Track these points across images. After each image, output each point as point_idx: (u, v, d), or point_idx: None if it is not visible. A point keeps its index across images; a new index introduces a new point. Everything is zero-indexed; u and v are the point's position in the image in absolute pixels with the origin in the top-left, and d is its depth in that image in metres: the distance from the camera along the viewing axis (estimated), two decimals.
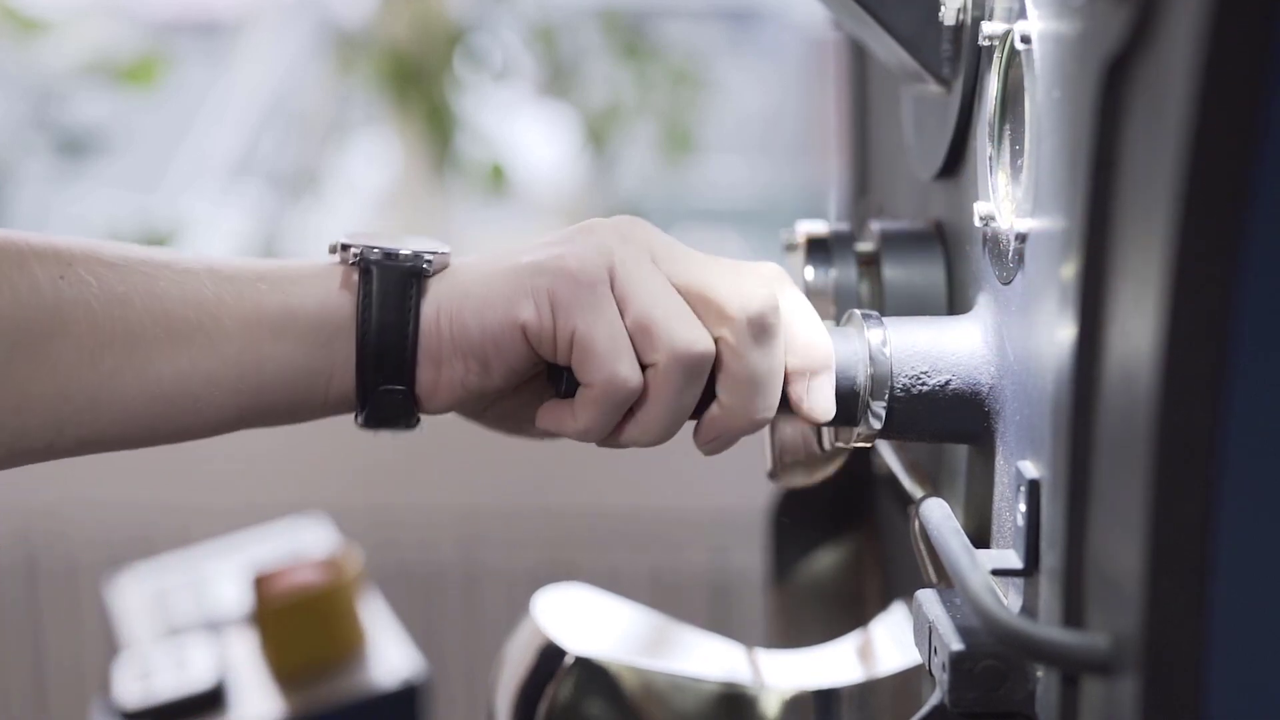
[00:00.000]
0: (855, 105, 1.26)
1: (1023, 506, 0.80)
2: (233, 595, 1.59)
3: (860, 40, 1.14)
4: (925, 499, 0.90)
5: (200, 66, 3.77)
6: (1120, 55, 0.68)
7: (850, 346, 0.88)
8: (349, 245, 0.87)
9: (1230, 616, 0.66)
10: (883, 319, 0.89)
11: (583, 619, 1.05)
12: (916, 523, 0.91)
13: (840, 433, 0.91)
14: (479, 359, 0.86)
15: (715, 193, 3.96)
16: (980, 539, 0.89)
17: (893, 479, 1.01)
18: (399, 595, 2.13)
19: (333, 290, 0.86)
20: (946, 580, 0.85)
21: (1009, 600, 0.83)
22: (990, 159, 0.89)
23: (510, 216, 3.41)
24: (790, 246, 1.05)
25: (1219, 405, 0.64)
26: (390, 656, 1.47)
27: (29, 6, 2.84)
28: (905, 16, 0.95)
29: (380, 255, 0.86)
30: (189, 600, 1.62)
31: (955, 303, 0.97)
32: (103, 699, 1.52)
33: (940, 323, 0.90)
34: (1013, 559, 0.81)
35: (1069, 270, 0.73)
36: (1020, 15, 0.83)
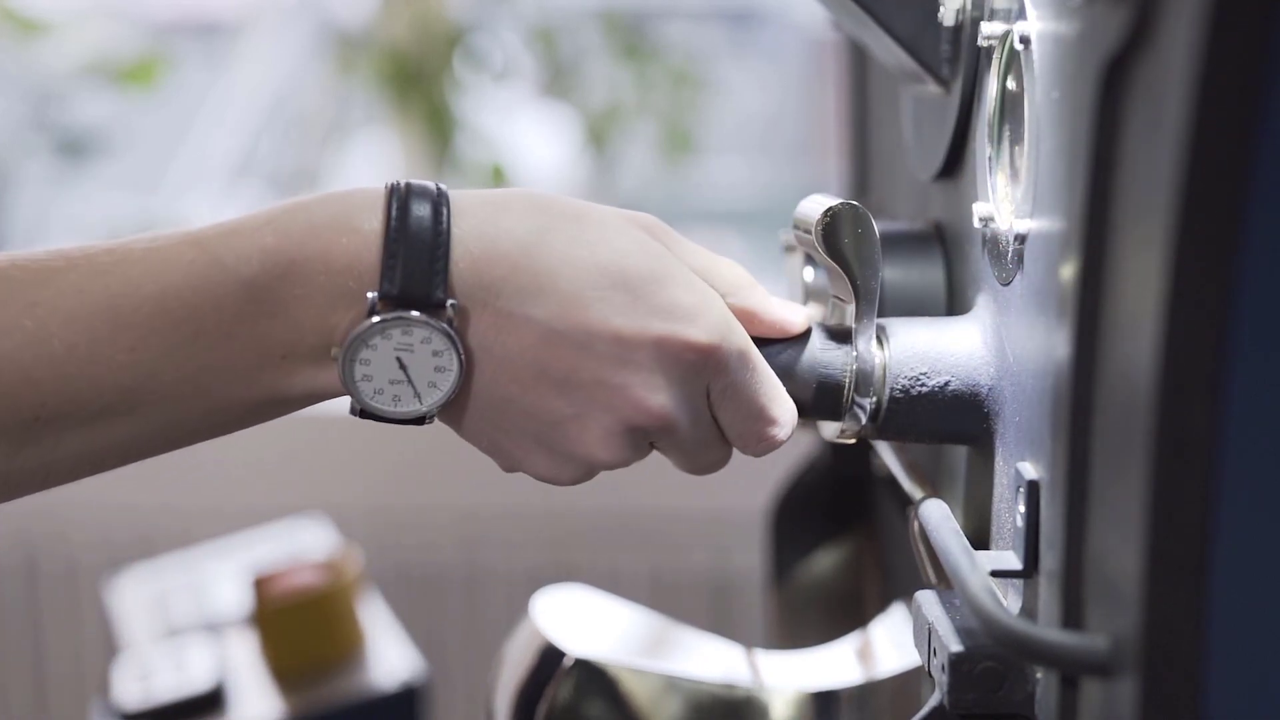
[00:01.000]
0: (855, 106, 1.26)
1: (1022, 508, 0.80)
2: (232, 596, 1.59)
3: (860, 41, 1.13)
4: (925, 500, 0.90)
5: (200, 68, 3.77)
6: (1119, 56, 0.68)
7: (836, 343, 0.88)
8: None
9: (1229, 618, 0.66)
10: (877, 318, 0.89)
11: (582, 620, 1.05)
12: (916, 524, 0.91)
13: (825, 428, 0.91)
14: None
15: (715, 193, 3.96)
16: (980, 540, 0.89)
17: (892, 480, 1.01)
18: (399, 596, 2.13)
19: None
20: (946, 581, 0.85)
21: (1008, 601, 0.83)
22: (989, 160, 0.89)
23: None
24: (789, 247, 1.05)
25: (1217, 406, 0.64)
26: (390, 658, 1.47)
27: (29, 7, 2.84)
28: (904, 17, 0.95)
29: None
30: (188, 601, 1.61)
31: (954, 304, 0.97)
32: (102, 700, 1.52)
33: (939, 324, 0.90)
34: (1012, 560, 0.81)
35: (1068, 271, 0.73)
36: (1019, 16, 0.82)
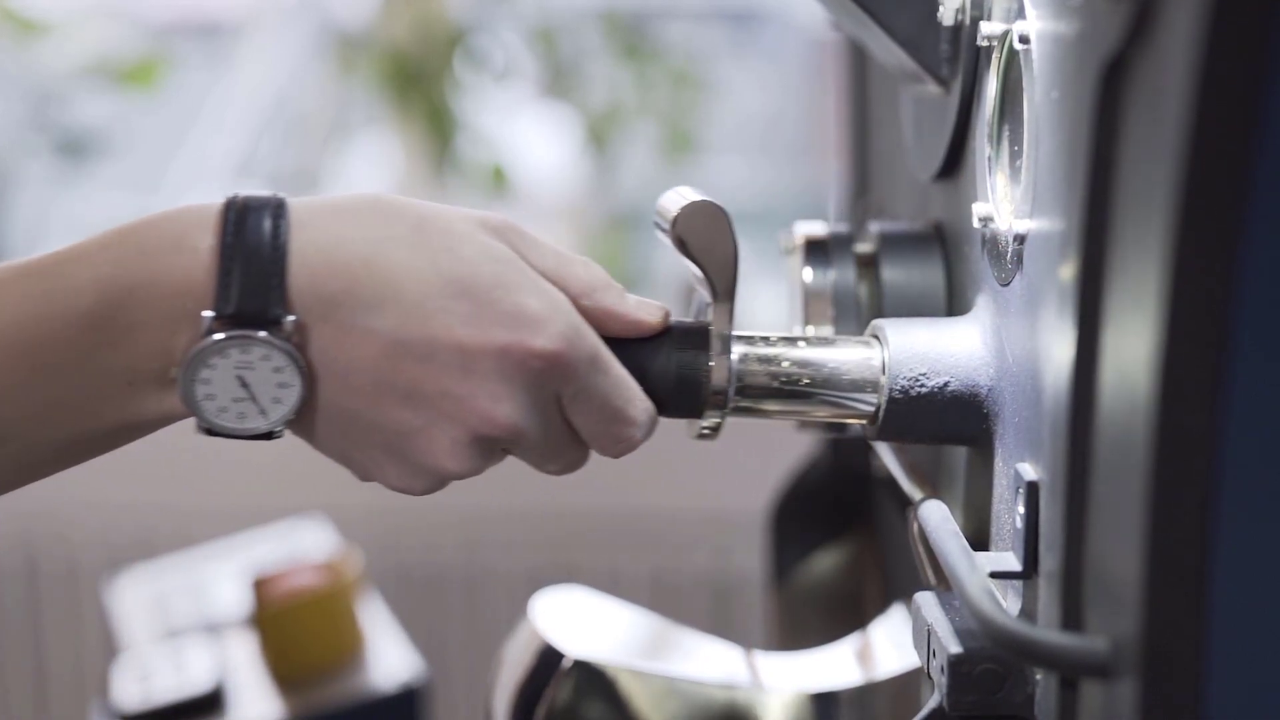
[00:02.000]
0: (855, 106, 1.26)
1: (1021, 509, 0.79)
2: (232, 597, 1.59)
3: (859, 41, 1.13)
4: (924, 501, 0.90)
5: (201, 68, 3.76)
6: (1118, 55, 0.68)
7: (695, 340, 0.86)
8: None
9: (1229, 619, 0.65)
10: (878, 318, 0.89)
11: (581, 621, 1.05)
12: (916, 525, 0.91)
13: (690, 424, 0.89)
14: None
15: (716, 194, 3.95)
16: (979, 541, 0.88)
17: (892, 481, 1.01)
18: (400, 597, 2.12)
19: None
20: (946, 583, 0.84)
21: (1008, 603, 0.82)
22: (989, 160, 0.88)
23: (511, 218, 3.41)
24: (789, 248, 1.04)
25: (1218, 407, 0.64)
26: (390, 659, 1.47)
27: (30, 8, 2.84)
28: (904, 17, 0.95)
29: None
30: (188, 602, 1.61)
31: (954, 304, 0.97)
32: (101, 701, 1.52)
33: (939, 324, 0.90)
34: (1011, 561, 0.81)
35: (1067, 271, 0.73)
36: (1019, 15, 0.82)
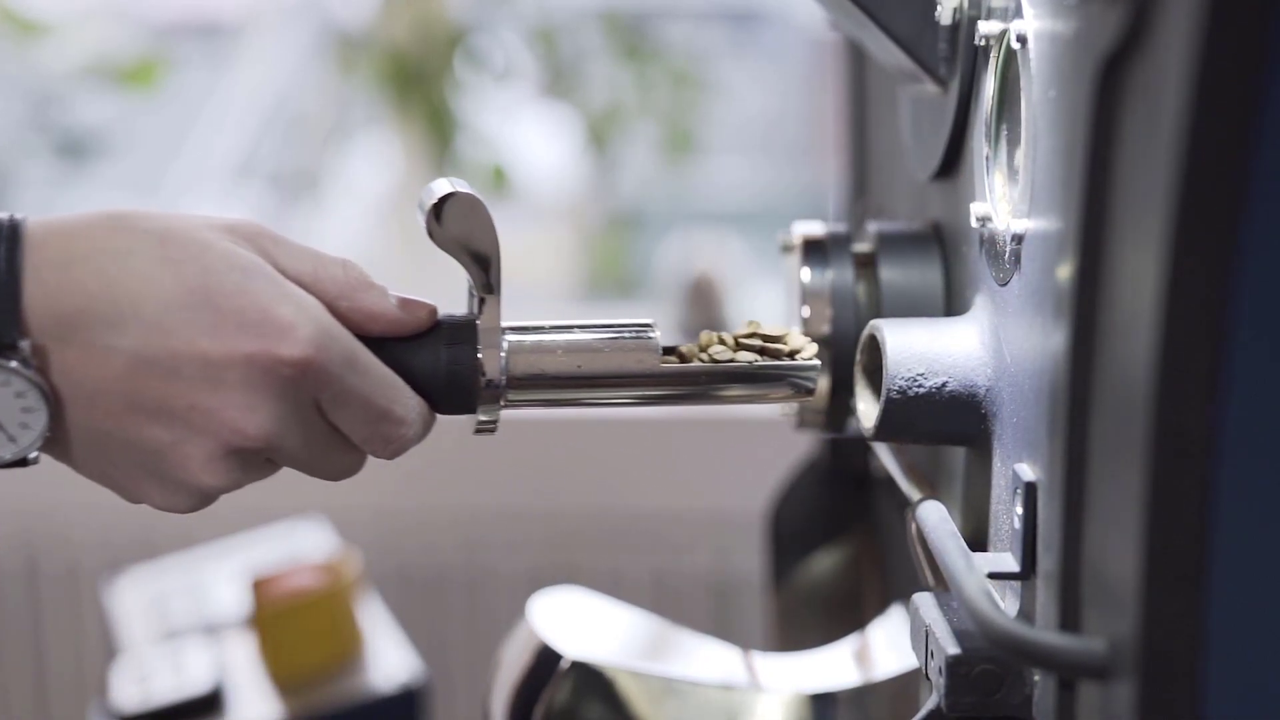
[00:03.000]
0: (853, 106, 1.26)
1: (1019, 509, 0.79)
2: (231, 598, 1.59)
3: (858, 41, 1.13)
4: (922, 501, 0.90)
5: (201, 69, 3.77)
6: (1115, 54, 0.68)
7: (463, 335, 0.85)
8: None
9: (1227, 620, 0.65)
10: (880, 318, 0.89)
11: (579, 622, 1.05)
12: (914, 525, 0.91)
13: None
14: None
15: (716, 194, 3.95)
16: (978, 542, 0.88)
17: (891, 481, 1.01)
18: (400, 598, 2.12)
19: None
20: (944, 583, 0.84)
21: (1006, 604, 0.82)
22: (987, 159, 0.88)
23: (512, 218, 3.41)
24: (787, 248, 1.04)
25: (1215, 406, 0.64)
26: (389, 660, 1.47)
27: (30, 9, 2.84)
28: (902, 16, 0.94)
29: None
30: (187, 603, 1.61)
31: (953, 304, 0.97)
32: (101, 702, 1.52)
33: (937, 324, 0.90)
34: (1010, 562, 0.81)
35: (1065, 271, 0.73)
36: (1016, 15, 0.82)
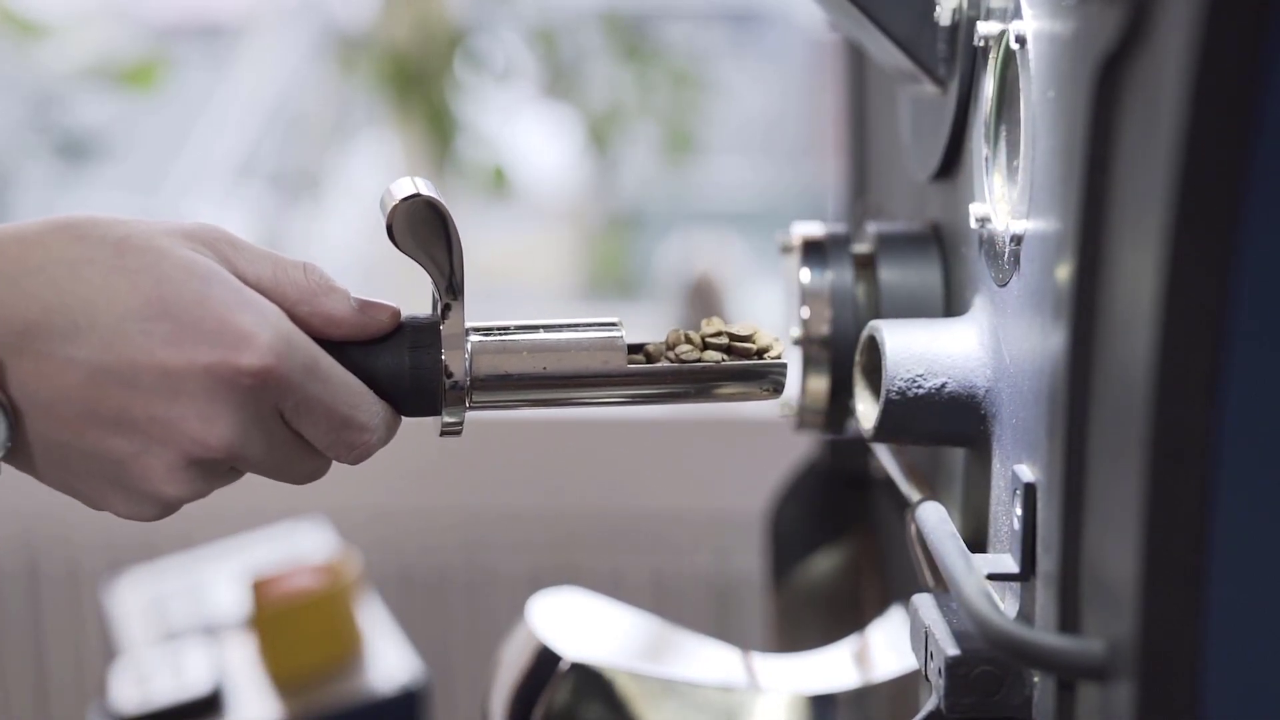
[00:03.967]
0: (853, 106, 1.26)
1: (1019, 510, 0.79)
2: (231, 599, 1.59)
3: (857, 41, 1.13)
4: (922, 502, 0.90)
5: (202, 70, 3.77)
6: (1114, 55, 0.68)
7: (427, 338, 0.84)
8: None
9: (1226, 620, 0.65)
10: (878, 319, 0.89)
11: (578, 623, 1.05)
12: (913, 526, 0.91)
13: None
14: None
15: (717, 194, 3.96)
16: (977, 543, 0.88)
17: (890, 482, 1.01)
18: (401, 599, 2.12)
19: None
20: (944, 584, 0.84)
21: (1006, 605, 0.82)
22: (986, 160, 0.88)
23: (512, 218, 3.42)
24: (786, 248, 1.04)
25: (1214, 407, 0.64)
26: (389, 661, 1.47)
27: (30, 10, 2.84)
28: (901, 17, 0.94)
29: None
30: (187, 604, 1.61)
31: (952, 305, 0.97)
32: (100, 704, 1.52)
33: (936, 325, 0.89)
34: (1009, 563, 0.80)
35: (1064, 272, 0.72)
36: (1015, 15, 0.82)
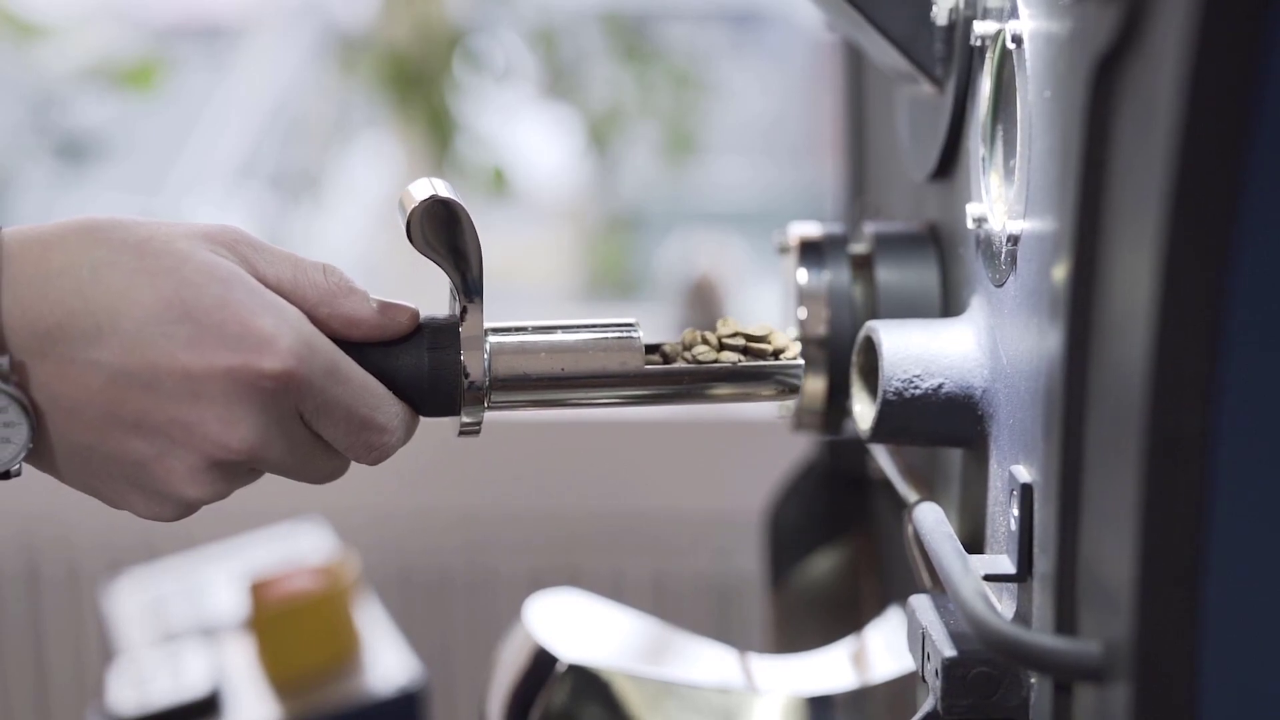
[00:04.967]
0: (851, 107, 1.25)
1: (1016, 511, 0.79)
2: (229, 601, 1.59)
3: (854, 42, 1.13)
4: (919, 503, 0.90)
5: (202, 70, 3.77)
6: (1110, 55, 0.68)
7: (446, 339, 0.85)
8: None
9: (1223, 622, 0.65)
10: (879, 319, 0.88)
11: (575, 625, 1.05)
12: (911, 527, 0.90)
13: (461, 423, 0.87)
14: None
15: (717, 194, 3.95)
16: (975, 543, 0.88)
17: (888, 483, 1.00)
18: (401, 600, 2.12)
19: None
20: (941, 585, 0.84)
21: (1003, 606, 0.82)
22: (983, 160, 0.88)
23: (512, 219, 3.41)
24: (783, 249, 1.04)
25: (1210, 407, 0.63)
26: (387, 663, 1.47)
27: (30, 10, 2.84)
28: (897, 17, 0.94)
29: None
30: (185, 606, 1.61)
31: (949, 305, 0.97)
32: (98, 705, 1.51)
33: (934, 325, 0.89)
34: (1006, 564, 0.80)
35: (1060, 272, 0.72)
36: (1011, 15, 0.82)
